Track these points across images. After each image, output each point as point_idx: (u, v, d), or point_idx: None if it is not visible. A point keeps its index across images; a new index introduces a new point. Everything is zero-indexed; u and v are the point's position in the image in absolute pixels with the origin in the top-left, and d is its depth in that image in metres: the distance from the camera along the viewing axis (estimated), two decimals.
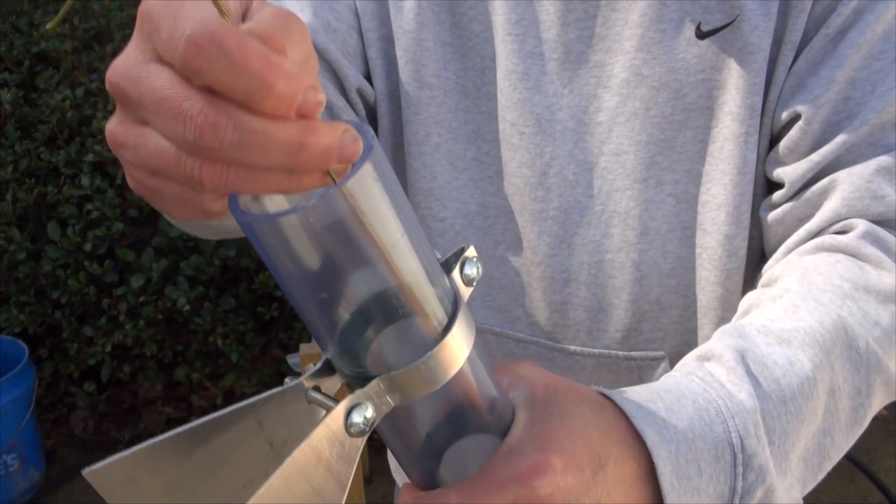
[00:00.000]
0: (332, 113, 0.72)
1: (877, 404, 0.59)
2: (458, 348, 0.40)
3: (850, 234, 0.64)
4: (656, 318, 0.76)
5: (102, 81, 2.33)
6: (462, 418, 0.44)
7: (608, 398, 0.50)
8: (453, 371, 0.40)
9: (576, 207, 0.75)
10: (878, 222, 0.67)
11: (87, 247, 2.20)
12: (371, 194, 0.34)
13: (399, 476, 1.02)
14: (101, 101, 2.30)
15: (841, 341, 0.56)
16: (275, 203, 0.37)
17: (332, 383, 0.41)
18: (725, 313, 0.75)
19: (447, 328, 0.39)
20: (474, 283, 0.43)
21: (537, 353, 0.80)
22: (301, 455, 0.36)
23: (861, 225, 0.65)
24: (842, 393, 0.56)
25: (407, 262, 0.37)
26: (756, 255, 0.77)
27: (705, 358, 0.55)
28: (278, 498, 0.36)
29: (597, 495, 0.46)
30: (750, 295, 0.66)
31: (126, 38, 2.42)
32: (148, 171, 0.35)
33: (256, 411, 0.40)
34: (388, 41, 0.76)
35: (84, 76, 2.34)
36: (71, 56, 2.41)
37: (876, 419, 2.58)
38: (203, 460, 0.40)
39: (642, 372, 0.78)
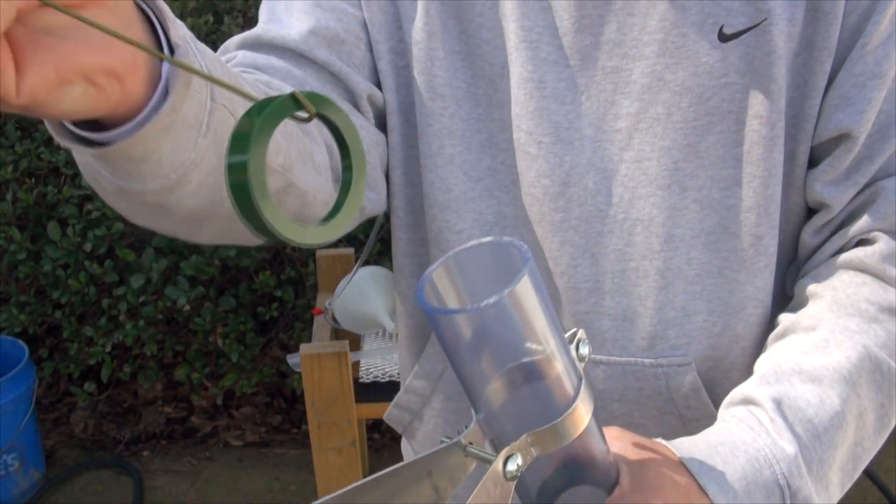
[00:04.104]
0: None
1: None
2: (584, 410, 0.50)
3: (876, 256, 0.70)
4: (681, 324, 0.76)
5: None
6: (579, 468, 0.55)
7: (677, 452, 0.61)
8: (581, 429, 0.49)
9: (597, 216, 0.74)
10: None
11: (87, 247, 2.20)
12: (528, 292, 0.45)
13: None
14: None
15: (867, 369, 0.66)
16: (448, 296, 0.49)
17: (476, 437, 0.52)
18: (755, 310, 0.76)
19: (576, 393, 0.49)
20: (585, 360, 0.52)
21: None
22: (476, 496, 0.48)
23: (887, 244, 0.71)
24: (868, 412, 0.66)
25: (553, 343, 0.47)
26: (785, 252, 0.78)
27: (750, 402, 0.65)
28: None
29: None
30: (787, 317, 0.73)
31: None
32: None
33: (428, 462, 0.51)
34: (396, 53, 0.75)
35: None
36: None
37: None
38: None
39: (669, 378, 0.77)
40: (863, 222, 0.71)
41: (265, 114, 0.36)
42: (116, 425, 2.55)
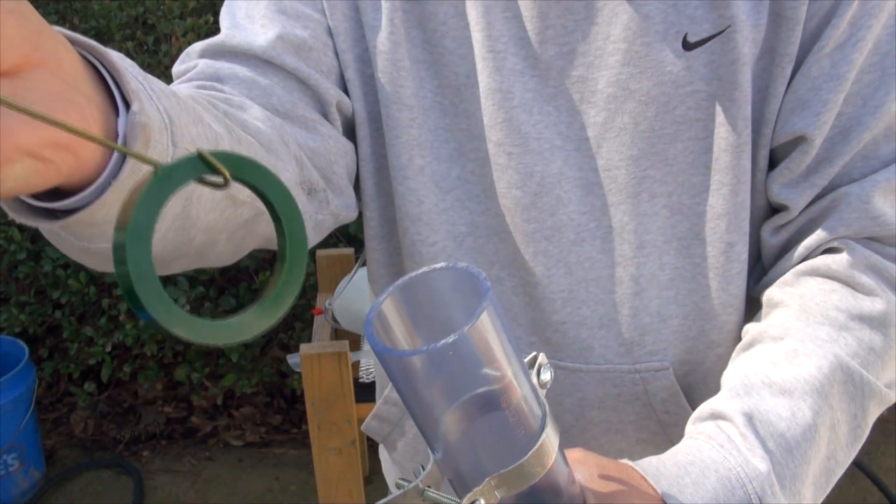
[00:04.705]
0: (306, 127, 0.69)
1: (872, 419, 0.66)
2: (550, 446, 0.47)
3: (844, 262, 0.69)
4: (658, 329, 0.76)
5: None
6: (541, 500, 0.51)
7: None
8: (548, 466, 0.47)
9: (569, 225, 0.74)
10: (874, 238, 0.71)
11: None
12: (488, 326, 0.42)
13: (391, 477, 1.02)
14: None
15: (838, 380, 0.64)
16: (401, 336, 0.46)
17: (434, 479, 0.50)
18: (730, 317, 0.76)
19: (542, 428, 0.46)
20: (547, 386, 0.49)
21: None
22: None
23: (854, 251, 0.69)
24: (841, 423, 0.64)
25: (512, 373, 0.44)
26: (754, 258, 0.77)
27: (719, 417, 0.63)
28: None
29: None
30: (754, 327, 0.71)
31: (126, 38, 2.42)
32: None
33: None
34: (362, 61, 0.74)
35: None
36: None
37: (876, 420, 2.58)
38: None
39: (647, 384, 0.77)
40: (827, 230, 0.70)
41: (151, 185, 0.31)
42: (116, 425, 2.55)
